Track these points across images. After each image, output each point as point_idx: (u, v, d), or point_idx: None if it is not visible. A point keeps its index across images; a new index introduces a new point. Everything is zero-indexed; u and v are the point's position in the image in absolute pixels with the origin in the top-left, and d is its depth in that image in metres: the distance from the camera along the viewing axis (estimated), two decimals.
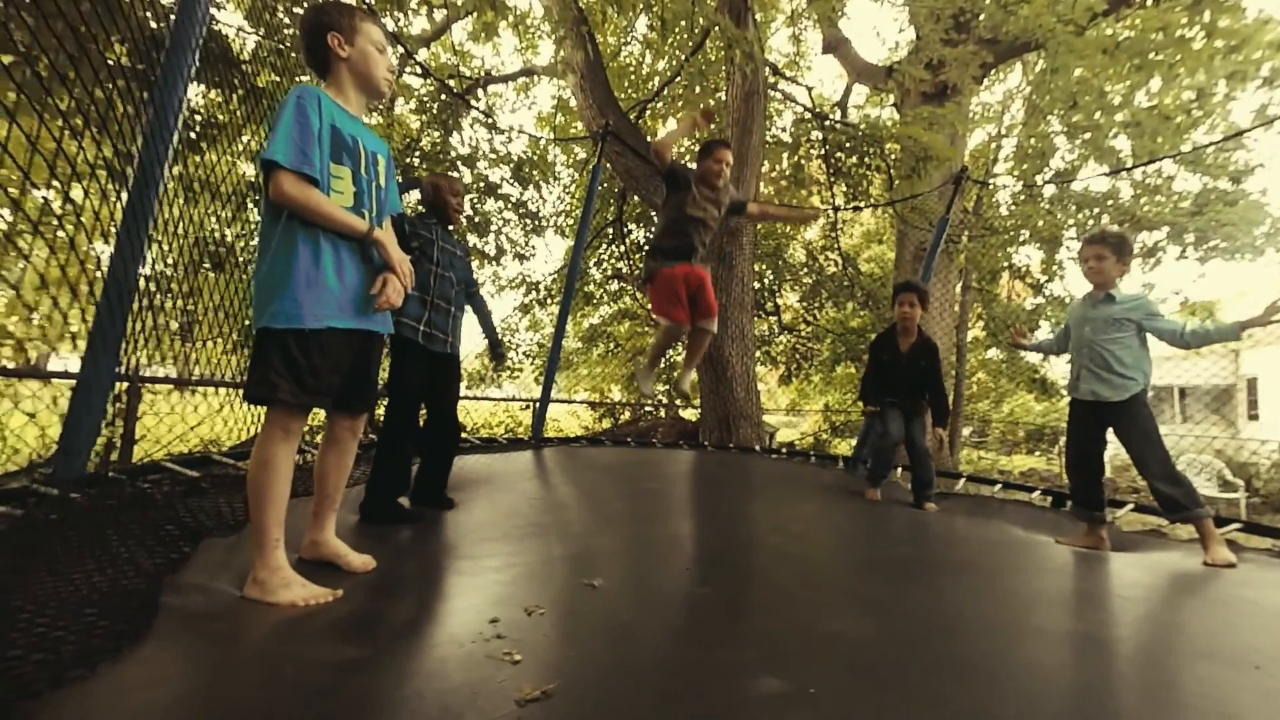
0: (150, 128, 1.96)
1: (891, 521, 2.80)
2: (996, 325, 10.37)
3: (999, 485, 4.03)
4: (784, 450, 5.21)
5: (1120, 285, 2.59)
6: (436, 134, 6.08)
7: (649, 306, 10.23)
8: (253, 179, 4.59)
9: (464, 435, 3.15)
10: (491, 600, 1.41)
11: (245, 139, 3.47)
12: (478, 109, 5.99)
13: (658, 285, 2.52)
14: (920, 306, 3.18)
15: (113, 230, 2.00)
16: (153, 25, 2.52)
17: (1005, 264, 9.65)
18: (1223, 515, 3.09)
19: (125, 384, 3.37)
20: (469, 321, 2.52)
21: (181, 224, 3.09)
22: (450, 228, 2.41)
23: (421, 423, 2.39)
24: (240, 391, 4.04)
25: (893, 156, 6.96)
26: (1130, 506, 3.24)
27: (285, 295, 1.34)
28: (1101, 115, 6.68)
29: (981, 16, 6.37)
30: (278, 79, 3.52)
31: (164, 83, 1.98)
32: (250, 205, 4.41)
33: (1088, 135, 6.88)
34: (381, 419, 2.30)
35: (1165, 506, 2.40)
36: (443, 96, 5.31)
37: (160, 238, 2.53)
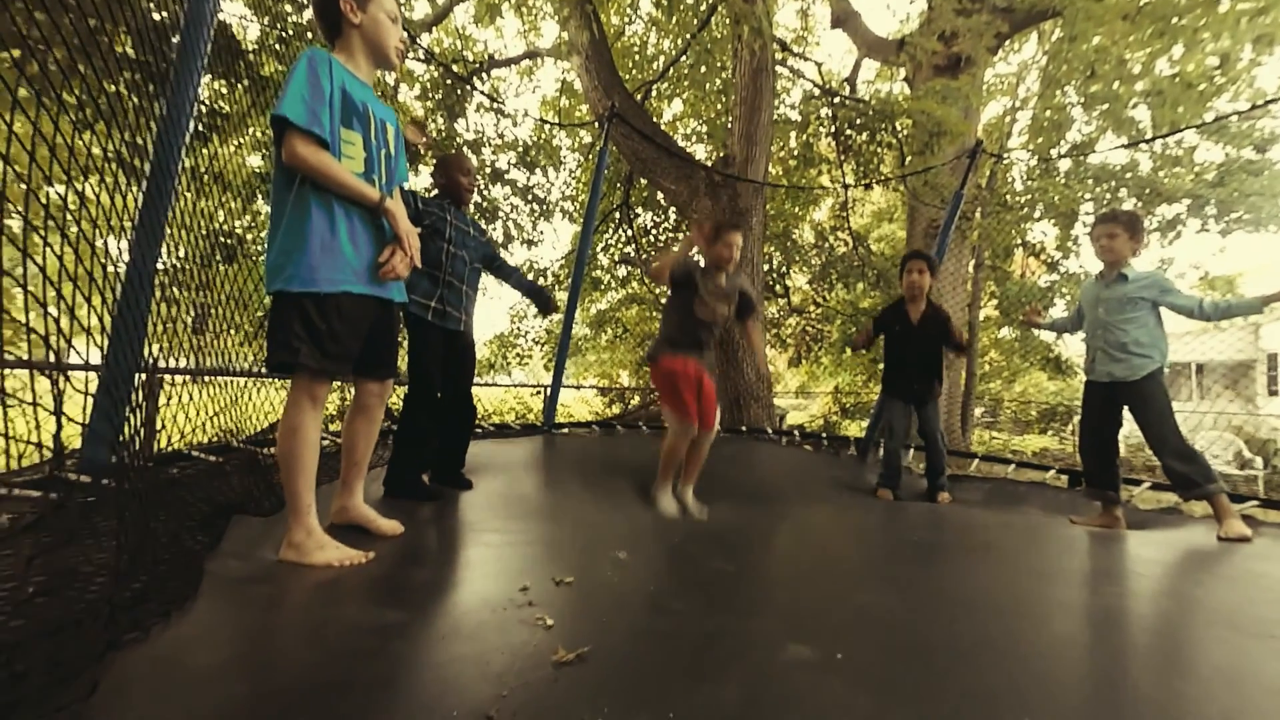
0: (165, 119, 1.97)
1: (909, 508, 2.81)
2: (1010, 304, 10.21)
3: (1013, 465, 4.02)
4: (795, 433, 5.20)
5: (1133, 263, 2.54)
6: (442, 119, 6.04)
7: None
8: (260, 170, 4.60)
9: (476, 422, 3.18)
10: (519, 570, 1.44)
11: (251, 130, 3.48)
12: (482, 93, 5.94)
13: (663, 372, 2.44)
14: (930, 274, 3.08)
15: (128, 224, 2.02)
16: (156, 16, 2.51)
17: (1019, 240, 9.47)
18: (1241, 493, 3.07)
19: (145, 375, 3.44)
20: (484, 307, 2.53)
21: (195, 217, 3.12)
22: (462, 207, 2.40)
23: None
24: (255, 381, 4.10)
25: (904, 132, 6.82)
26: (1147, 485, 3.22)
27: (301, 260, 1.34)
28: (1121, 85, 6.48)
29: None
30: (283, 69, 3.50)
31: (178, 73, 1.97)
32: (260, 197, 4.42)
33: (1106, 106, 6.68)
34: (401, 399, 2.34)
35: (1178, 484, 2.40)
36: (448, 81, 5.26)
37: (176, 230, 2.55)
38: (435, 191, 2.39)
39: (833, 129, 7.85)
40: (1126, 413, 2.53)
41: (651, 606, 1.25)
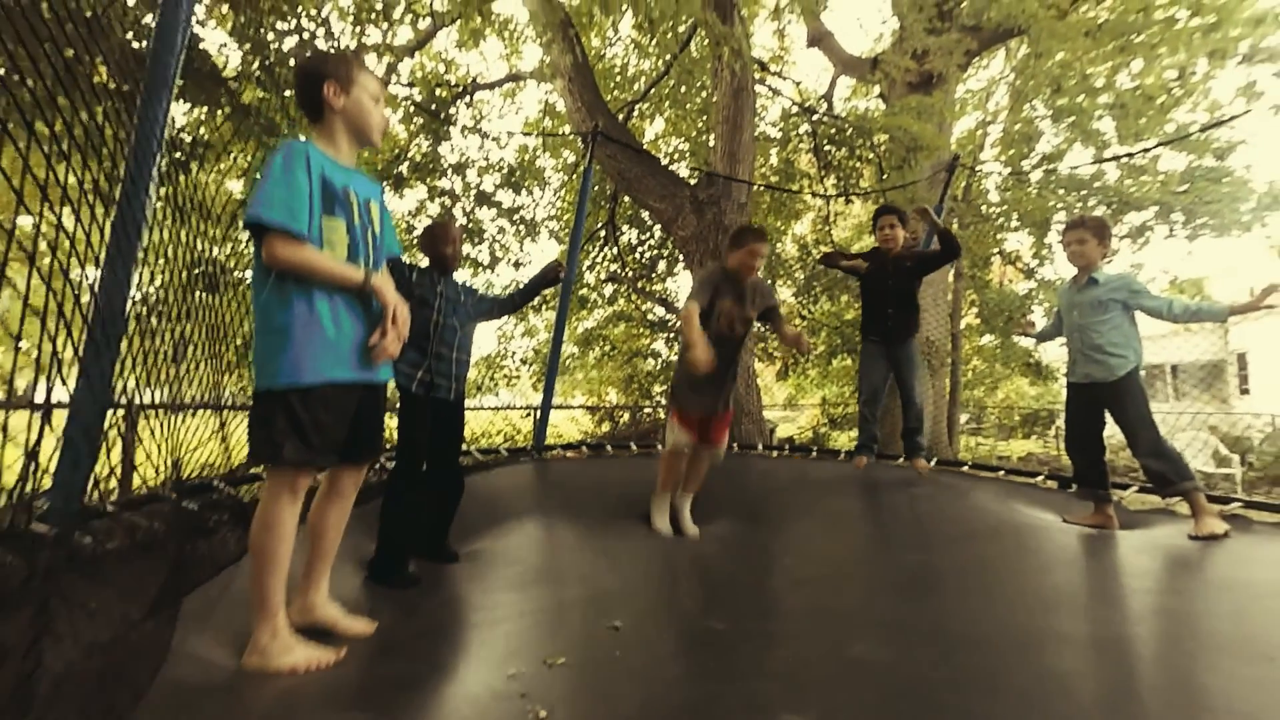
0: (135, 148, 1.92)
1: (897, 516, 2.79)
2: (990, 311, 10.43)
3: (1001, 471, 4.05)
4: (785, 446, 5.20)
5: (1103, 267, 2.61)
6: (426, 143, 6.04)
7: (643, 304, 10.17)
8: (241, 197, 4.54)
9: (463, 448, 3.09)
10: (507, 653, 1.36)
11: (233, 157, 3.44)
12: (453, 123, 5.96)
13: (677, 413, 2.51)
14: (901, 226, 3.10)
15: (97, 254, 1.96)
16: (135, 44, 2.48)
17: (996, 250, 9.71)
18: (1222, 493, 3.12)
19: (118, 410, 3.32)
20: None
21: (171, 246, 3.05)
22: (452, 274, 2.39)
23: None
24: (236, 413, 3.99)
25: (882, 147, 6.99)
26: (1135, 488, 3.25)
27: (284, 354, 1.30)
28: (1085, 98, 6.73)
29: (964, 4, 6.39)
30: (264, 95, 3.47)
31: (146, 100, 1.93)
32: (240, 224, 4.35)
33: (1072, 118, 6.93)
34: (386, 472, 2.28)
35: (1155, 482, 2.46)
36: (430, 110, 5.28)
37: (150, 260, 2.49)
38: (426, 262, 2.36)
39: (812, 145, 8.01)
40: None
41: (647, 679, 1.20)
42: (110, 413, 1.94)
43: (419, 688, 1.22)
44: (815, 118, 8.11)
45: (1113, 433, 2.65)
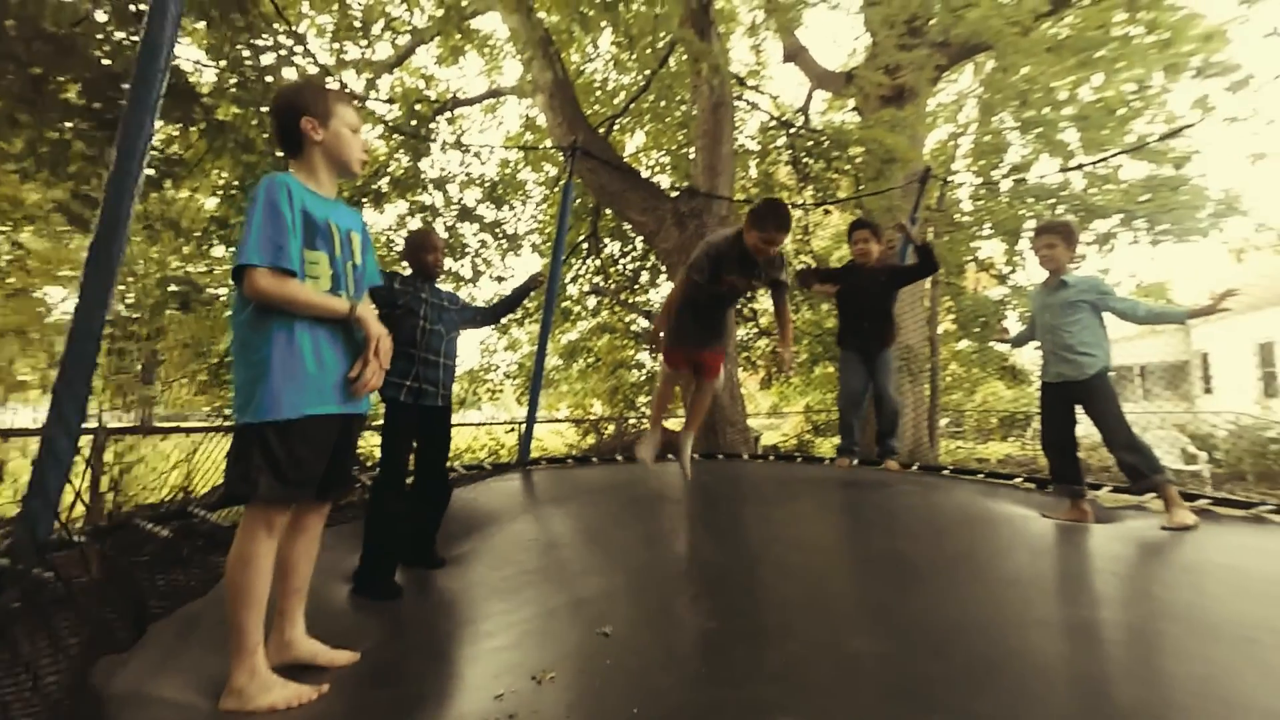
0: (115, 168, 1.88)
1: (882, 511, 2.83)
2: (966, 317, 10.66)
3: (981, 475, 4.14)
4: (770, 455, 5.23)
5: (1072, 270, 2.71)
6: (406, 159, 6.01)
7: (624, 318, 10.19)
8: (215, 214, 4.46)
9: (449, 464, 3.07)
10: (494, 670, 1.33)
11: (210, 174, 3.38)
12: (439, 140, 5.94)
13: (665, 350, 2.56)
14: (875, 240, 3.18)
15: (70, 274, 1.91)
16: (107, 62, 2.44)
17: (970, 257, 9.94)
18: (1191, 490, 3.22)
19: (92, 436, 3.22)
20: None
21: (144, 264, 2.98)
22: (434, 281, 2.41)
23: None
24: (210, 435, 3.88)
25: (858, 159, 7.15)
26: (1109, 487, 3.34)
27: (263, 388, 1.29)
28: (1050, 110, 6.96)
29: (933, 21, 6.60)
30: (239, 111, 3.43)
31: (128, 121, 1.90)
32: (214, 240, 4.27)
33: (1039, 130, 7.16)
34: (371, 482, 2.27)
35: (1128, 474, 2.54)
36: (409, 125, 5.25)
37: (127, 279, 2.43)
38: (409, 270, 2.38)
39: (791, 157, 8.16)
40: (1082, 411, 2.66)
41: (639, 688, 1.18)
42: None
43: (403, 714, 1.19)
44: (793, 131, 8.27)
45: (1087, 432, 2.73)
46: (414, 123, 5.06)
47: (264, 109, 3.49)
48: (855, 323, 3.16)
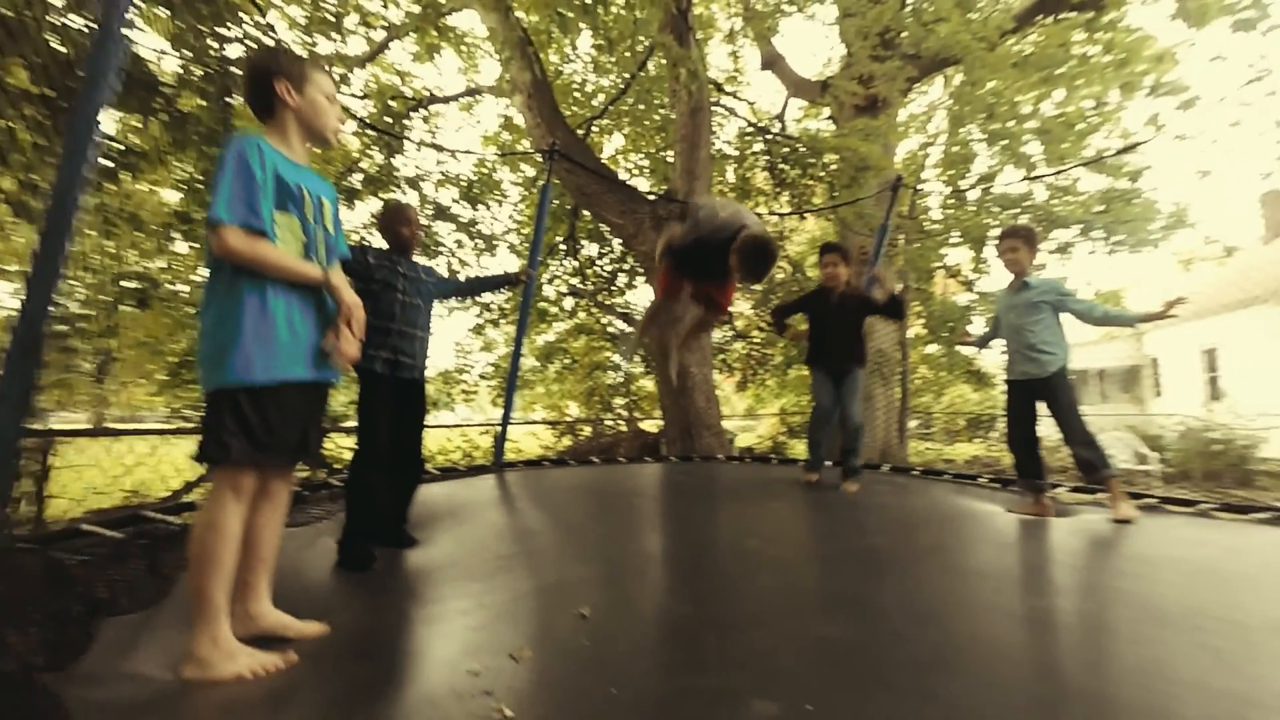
0: (65, 158, 1.80)
1: (855, 509, 2.90)
2: (935, 321, 10.97)
3: (947, 476, 4.29)
4: (745, 457, 5.29)
5: (1033, 272, 2.83)
6: (380, 156, 5.89)
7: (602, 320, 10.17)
8: (178, 209, 4.30)
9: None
10: (469, 647, 1.33)
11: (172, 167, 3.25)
12: (411, 140, 5.84)
13: (666, 280, 2.47)
14: (844, 264, 3.23)
15: (17, 268, 1.81)
16: (60, 49, 2.33)
17: (939, 264, 10.24)
18: (1140, 488, 3.38)
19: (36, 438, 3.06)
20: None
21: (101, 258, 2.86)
22: (412, 256, 2.40)
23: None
24: (169, 437, 3.74)
25: (832, 166, 7.30)
26: (1068, 486, 3.49)
27: (234, 351, 1.27)
28: (1015, 123, 7.23)
29: (904, 34, 6.79)
30: (204, 104, 3.31)
31: (80, 109, 1.82)
32: (175, 236, 4.11)
33: (1004, 142, 7.42)
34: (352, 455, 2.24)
35: (1082, 468, 2.67)
36: (384, 122, 5.15)
37: (79, 274, 2.32)
38: (386, 245, 2.37)
39: (767, 163, 8.27)
40: (1044, 408, 2.78)
41: (615, 671, 1.19)
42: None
43: (375, 690, 1.17)
44: (769, 137, 8.39)
45: (1048, 431, 2.85)
46: (388, 119, 4.96)
47: (229, 100, 3.39)
48: (825, 344, 3.20)
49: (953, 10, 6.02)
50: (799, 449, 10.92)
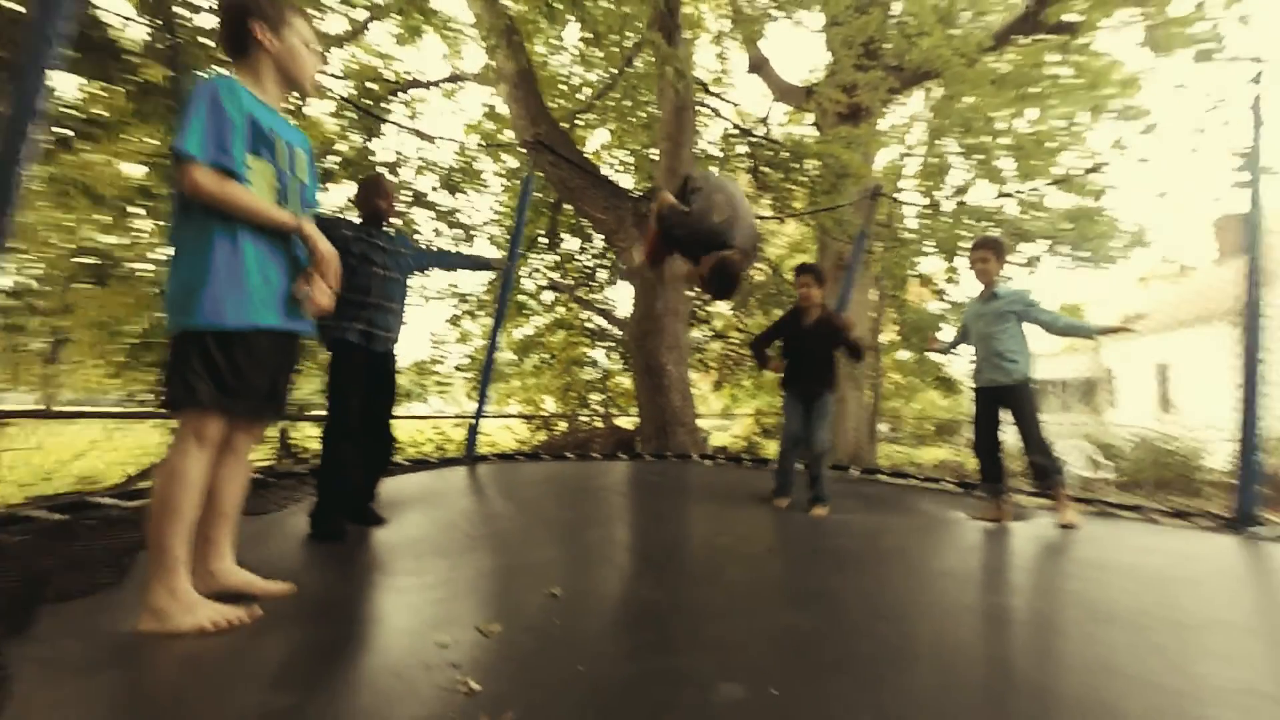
0: (9, 123, 1.71)
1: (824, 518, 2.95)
2: (908, 329, 11.22)
3: (913, 479, 4.44)
4: (719, 456, 5.34)
5: (1001, 283, 2.91)
6: (358, 139, 5.74)
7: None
8: (141, 183, 4.11)
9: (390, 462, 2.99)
10: (438, 620, 1.32)
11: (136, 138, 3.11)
12: (393, 122, 5.71)
13: (654, 239, 2.41)
14: (817, 285, 3.19)
15: None
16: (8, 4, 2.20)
17: (912, 271, 10.49)
18: (1094, 494, 3.53)
19: None
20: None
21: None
22: (388, 229, 2.37)
23: None
24: (126, 422, 3.60)
25: (814, 172, 7.40)
26: (1027, 492, 3.62)
27: (204, 293, 1.22)
28: (990, 138, 7.43)
29: (888, 45, 6.92)
30: (173, 74, 3.18)
31: (25, 71, 1.72)
32: (137, 211, 3.95)
33: (979, 156, 7.64)
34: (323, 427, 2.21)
35: (1035, 474, 2.77)
36: (360, 105, 5.01)
37: (31, 249, 2.21)
38: (360, 218, 2.33)
39: (751, 166, 8.34)
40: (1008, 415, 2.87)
41: (584, 650, 1.20)
42: None
43: (340, 658, 1.15)
44: (753, 140, 8.45)
45: (1009, 438, 2.95)
46: (366, 100, 4.84)
47: (199, 74, 3.26)
48: (797, 368, 3.19)
49: (935, 25, 6.16)
50: (773, 449, 11.06)
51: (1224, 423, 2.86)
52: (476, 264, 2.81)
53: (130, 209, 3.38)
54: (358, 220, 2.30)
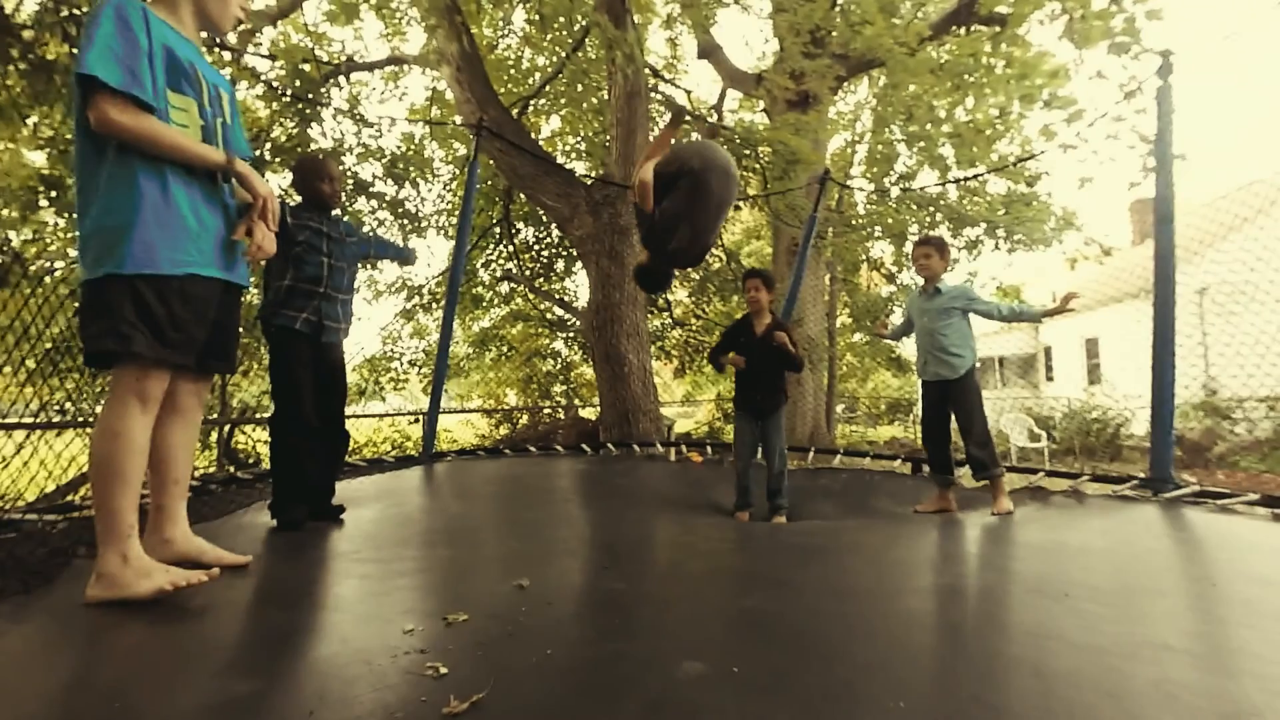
0: None
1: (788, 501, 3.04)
2: (859, 312, 11.61)
3: (868, 456, 4.61)
4: (682, 444, 5.40)
5: (945, 278, 3.03)
6: (292, 124, 5.44)
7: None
8: (44, 171, 3.77)
9: (346, 456, 2.89)
10: (405, 609, 1.30)
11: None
12: (331, 107, 5.44)
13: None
14: (766, 290, 3.19)
15: None
16: None
17: (863, 257, 10.83)
18: (1032, 464, 3.76)
19: None
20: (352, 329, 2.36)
21: None
22: (334, 213, 2.27)
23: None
24: (42, 433, 3.34)
25: (765, 159, 7.49)
26: (963, 473, 3.79)
27: (132, 237, 1.10)
28: (931, 126, 7.71)
29: (834, 33, 7.04)
30: (72, 50, 2.91)
31: None
32: (44, 205, 3.63)
33: (922, 144, 7.91)
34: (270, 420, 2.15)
35: (973, 465, 2.86)
36: (283, 97, 4.73)
37: None
38: (299, 201, 2.22)
39: None
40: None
41: (551, 636, 1.21)
42: None
43: (304, 644, 1.12)
44: (706, 126, 8.47)
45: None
46: (298, 83, 4.57)
47: None
48: (747, 386, 3.19)
49: (877, 15, 6.30)
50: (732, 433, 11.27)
51: (1144, 392, 3.05)
52: (395, 252, 2.67)
53: (29, 199, 3.08)
54: (297, 204, 2.19)
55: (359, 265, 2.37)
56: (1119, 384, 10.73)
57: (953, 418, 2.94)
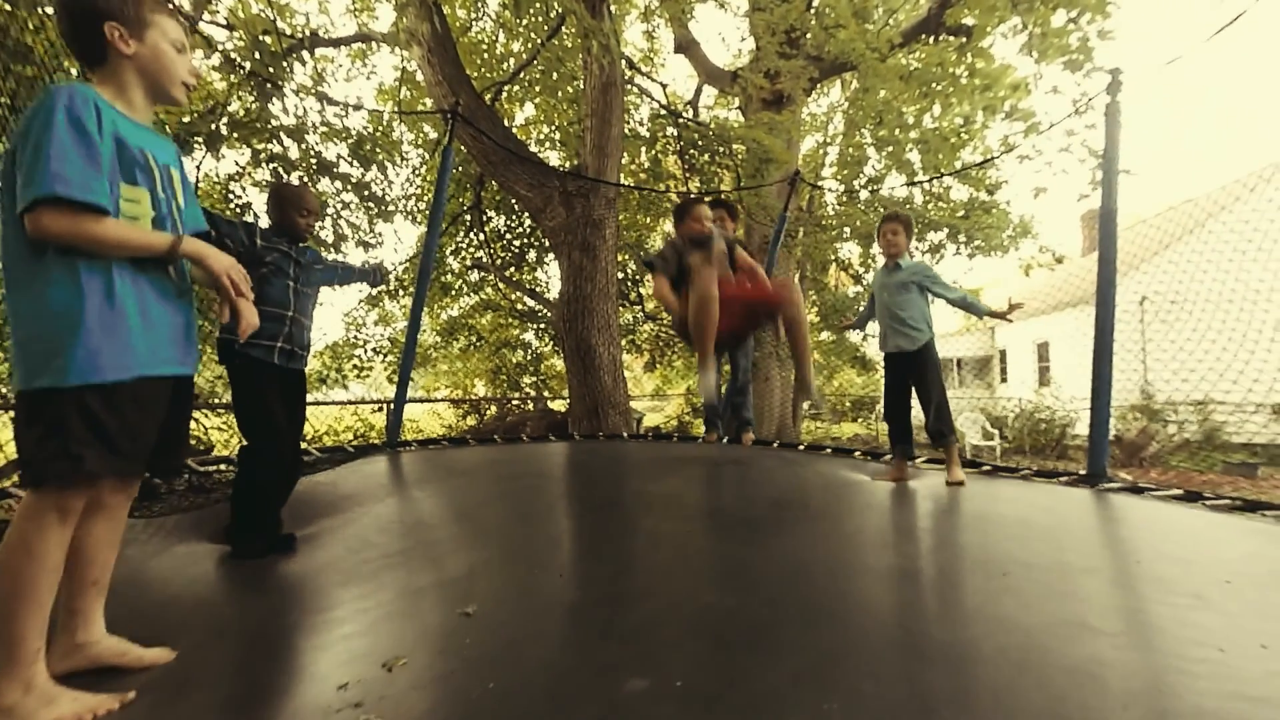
0: None
1: (746, 480, 3.11)
2: (827, 310, 11.87)
3: (829, 450, 4.76)
4: (649, 435, 5.44)
5: (906, 256, 3.14)
6: (251, 98, 5.19)
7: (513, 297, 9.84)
8: None
9: (305, 446, 2.82)
10: (339, 659, 1.24)
11: None
12: (293, 84, 5.22)
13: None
14: (730, 219, 3.45)
15: None
16: None
17: (832, 256, 11.07)
18: (984, 460, 3.94)
19: None
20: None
21: None
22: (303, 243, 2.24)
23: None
24: None
25: (739, 157, 7.57)
26: (924, 458, 3.97)
27: (74, 346, 1.04)
28: (900, 132, 7.91)
29: (809, 35, 7.14)
30: (9, 9, 2.72)
31: None
32: None
33: (890, 148, 8.12)
34: (238, 452, 2.10)
35: (932, 435, 3.03)
36: (239, 69, 4.50)
37: None
38: (270, 225, 2.17)
39: (678, 147, 8.38)
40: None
41: (494, 666, 1.18)
42: None
43: (233, 716, 1.07)
44: (681, 121, 8.49)
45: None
46: (258, 55, 4.37)
47: (45, 7, 2.80)
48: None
49: (851, 19, 6.42)
50: (703, 428, 11.39)
51: (1088, 394, 3.23)
52: (370, 279, 2.66)
53: None
54: (267, 228, 2.14)
55: (319, 289, 2.33)
56: (1067, 386, 11.28)
57: (914, 392, 3.07)
